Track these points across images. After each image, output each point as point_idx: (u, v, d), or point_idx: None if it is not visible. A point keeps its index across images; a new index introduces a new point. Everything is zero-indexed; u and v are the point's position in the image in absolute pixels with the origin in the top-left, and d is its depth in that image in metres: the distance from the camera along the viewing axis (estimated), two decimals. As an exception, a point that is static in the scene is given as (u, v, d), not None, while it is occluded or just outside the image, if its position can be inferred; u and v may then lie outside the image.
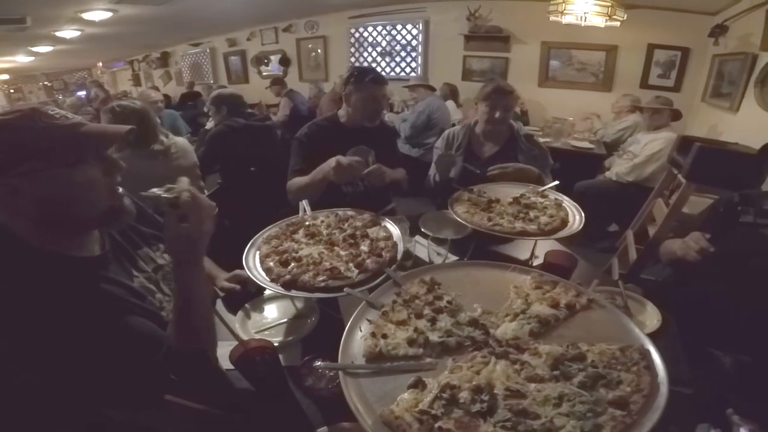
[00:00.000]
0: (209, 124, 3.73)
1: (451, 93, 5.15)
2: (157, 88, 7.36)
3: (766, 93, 2.85)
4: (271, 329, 1.24)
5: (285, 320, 1.28)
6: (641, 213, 2.84)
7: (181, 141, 2.46)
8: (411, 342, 0.88)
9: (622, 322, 0.94)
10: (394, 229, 1.35)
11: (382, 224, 1.39)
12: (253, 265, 1.21)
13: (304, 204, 1.49)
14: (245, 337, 1.04)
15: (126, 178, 0.94)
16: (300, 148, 1.96)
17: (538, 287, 1.05)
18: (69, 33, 5.68)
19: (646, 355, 0.82)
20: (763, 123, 2.73)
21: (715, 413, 0.91)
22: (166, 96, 6.24)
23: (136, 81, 10.25)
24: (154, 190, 0.89)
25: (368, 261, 1.16)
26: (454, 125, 4.31)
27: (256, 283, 1.16)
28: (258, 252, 1.26)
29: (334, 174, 1.59)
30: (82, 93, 8.88)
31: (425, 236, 1.48)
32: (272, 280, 1.13)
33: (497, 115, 1.93)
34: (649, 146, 3.23)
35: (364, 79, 1.86)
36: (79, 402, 0.83)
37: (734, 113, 3.28)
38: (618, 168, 3.41)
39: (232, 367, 0.98)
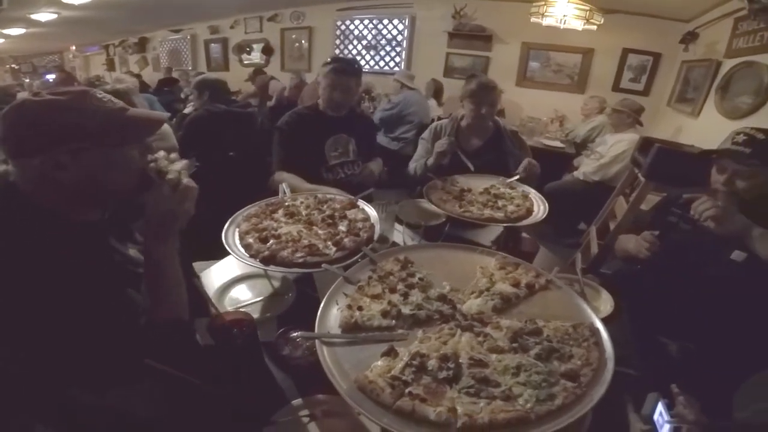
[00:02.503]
0: (188, 109, 3.68)
1: (435, 92, 5.18)
2: (133, 74, 7.16)
3: (726, 99, 3.02)
4: (248, 306, 1.26)
5: (261, 298, 1.31)
6: (604, 210, 2.99)
7: None
8: (385, 314, 0.94)
9: (575, 302, 1.03)
10: (372, 212, 1.40)
11: (360, 207, 1.44)
12: (233, 241, 1.24)
13: (284, 186, 1.53)
14: (222, 313, 1.07)
15: None
16: (281, 137, 1.99)
17: (502, 268, 1.14)
18: (45, 16, 5.49)
19: (595, 332, 0.90)
20: (720, 128, 2.86)
21: (661, 395, 0.99)
22: (143, 83, 6.10)
23: (110, 66, 9.88)
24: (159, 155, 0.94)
25: (346, 240, 1.20)
26: (433, 121, 4.41)
27: None
28: (238, 229, 1.29)
29: None
30: (52, 76, 8.52)
31: (400, 222, 1.54)
32: (251, 256, 1.16)
33: (483, 111, 1.98)
34: (615, 147, 3.37)
35: (329, 68, 1.90)
36: (49, 382, 0.83)
37: (695, 118, 3.45)
38: (585, 168, 3.55)
39: (208, 342, 1.01)
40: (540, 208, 1.58)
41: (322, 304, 0.95)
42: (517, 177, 1.81)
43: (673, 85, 4.14)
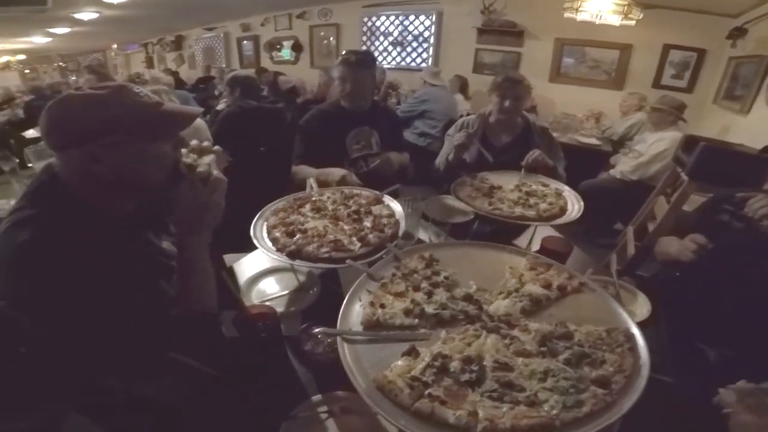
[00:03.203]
0: (221, 105, 3.77)
1: (461, 87, 5.15)
2: (171, 71, 7.43)
3: (778, 96, 2.84)
4: (274, 300, 1.29)
5: (287, 292, 1.32)
6: (642, 210, 2.86)
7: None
8: (407, 312, 0.91)
9: (610, 305, 0.97)
10: (397, 207, 1.39)
11: (386, 203, 1.43)
12: (261, 235, 1.25)
13: (311, 181, 1.54)
14: (248, 306, 1.08)
15: None
16: (303, 134, 2.02)
17: (533, 269, 1.09)
18: (87, 15, 5.80)
19: (630, 338, 0.85)
20: (772, 126, 2.73)
21: (698, 404, 0.94)
22: (179, 80, 6.31)
23: (149, 63, 10.32)
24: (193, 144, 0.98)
25: (371, 236, 1.19)
26: (462, 117, 4.36)
27: None
28: (266, 223, 1.31)
29: (337, 185, 1.64)
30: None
31: (426, 219, 1.52)
32: (278, 250, 1.17)
33: (506, 104, 1.94)
34: (655, 146, 3.23)
35: (338, 61, 1.94)
36: (84, 370, 0.86)
37: (744, 115, 3.26)
38: (622, 166, 3.41)
39: (233, 335, 1.02)
40: (574, 207, 1.52)
41: (345, 301, 0.94)
42: (523, 172, 1.78)
43: (720, 82, 3.91)
